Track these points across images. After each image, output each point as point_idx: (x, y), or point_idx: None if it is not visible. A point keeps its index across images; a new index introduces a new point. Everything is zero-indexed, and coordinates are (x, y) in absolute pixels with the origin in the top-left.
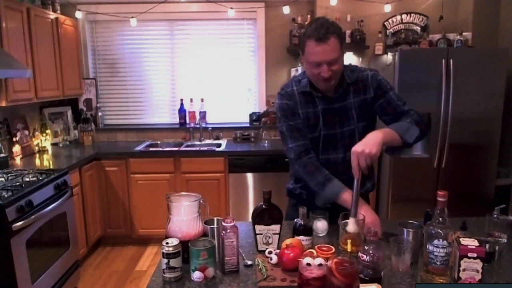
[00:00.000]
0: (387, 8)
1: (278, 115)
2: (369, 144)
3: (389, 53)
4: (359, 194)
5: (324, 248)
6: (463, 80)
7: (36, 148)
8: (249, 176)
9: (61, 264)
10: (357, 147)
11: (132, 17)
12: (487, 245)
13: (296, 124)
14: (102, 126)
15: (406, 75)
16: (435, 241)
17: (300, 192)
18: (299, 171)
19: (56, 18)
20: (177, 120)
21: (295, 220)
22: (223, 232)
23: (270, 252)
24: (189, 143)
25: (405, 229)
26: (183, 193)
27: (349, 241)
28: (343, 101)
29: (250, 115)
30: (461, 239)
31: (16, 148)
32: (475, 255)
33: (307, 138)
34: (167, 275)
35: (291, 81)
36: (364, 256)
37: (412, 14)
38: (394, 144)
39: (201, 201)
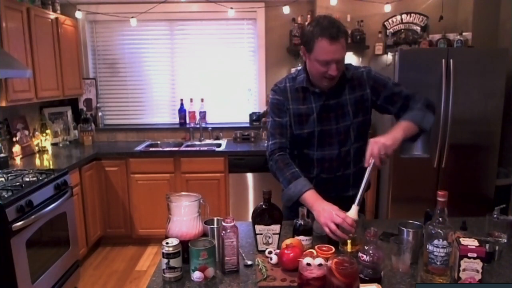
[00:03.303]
0: (387, 8)
1: (268, 110)
2: (388, 137)
3: (389, 53)
4: (368, 182)
5: (324, 248)
6: (463, 80)
7: (36, 148)
8: (249, 176)
9: (61, 264)
10: (376, 138)
11: (132, 17)
12: (487, 245)
13: (280, 122)
14: (102, 126)
15: (406, 75)
16: (435, 241)
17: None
18: (272, 167)
19: (56, 18)
20: (177, 120)
21: (295, 220)
22: (223, 232)
23: (270, 252)
24: (189, 143)
25: (405, 229)
26: (183, 193)
27: (349, 241)
28: (338, 97)
29: (250, 115)
30: (461, 239)
31: (16, 148)
32: (475, 255)
33: (286, 137)
34: (167, 275)
35: (285, 78)
36: (364, 256)
37: (412, 14)
38: (413, 134)
39: (201, 201)
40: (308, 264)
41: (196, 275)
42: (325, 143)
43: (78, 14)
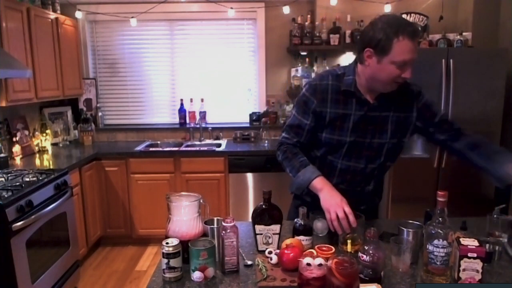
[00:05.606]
0: (387, 8)
1: (295, 102)
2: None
3: None
4: None
5: (324, 248)
6: (463, 80)
7: (36, 148)
8: (249, 176)
9: (61, 264)
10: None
11: (132, 17)
12: (487, 245)
13: (300, 122)
14: (102, 126)
15: None
16: (435, 241)
17: (306, 193)
18: (279, 156)
19: (56, 18)
20: (177, 120)
21: (295, 220)
22: (223, 232)
23: (270, 252)
24: (189, 143)
25: (405, 229)
26: (183, 193)
27: (349, 241)
28: (381, 112)
29: (250, 115)
30: (461, 239)
31: (16, 148)
32: (475, 255)
33: (300, 137)
34: (167, 275)
35: (328, 73)
36: (364, 256)
37: (412, 14)
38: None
39: (201, 201)
40: (308, 264)
41: (196, 275)
42: (353, 155)
43: (78, 14)
